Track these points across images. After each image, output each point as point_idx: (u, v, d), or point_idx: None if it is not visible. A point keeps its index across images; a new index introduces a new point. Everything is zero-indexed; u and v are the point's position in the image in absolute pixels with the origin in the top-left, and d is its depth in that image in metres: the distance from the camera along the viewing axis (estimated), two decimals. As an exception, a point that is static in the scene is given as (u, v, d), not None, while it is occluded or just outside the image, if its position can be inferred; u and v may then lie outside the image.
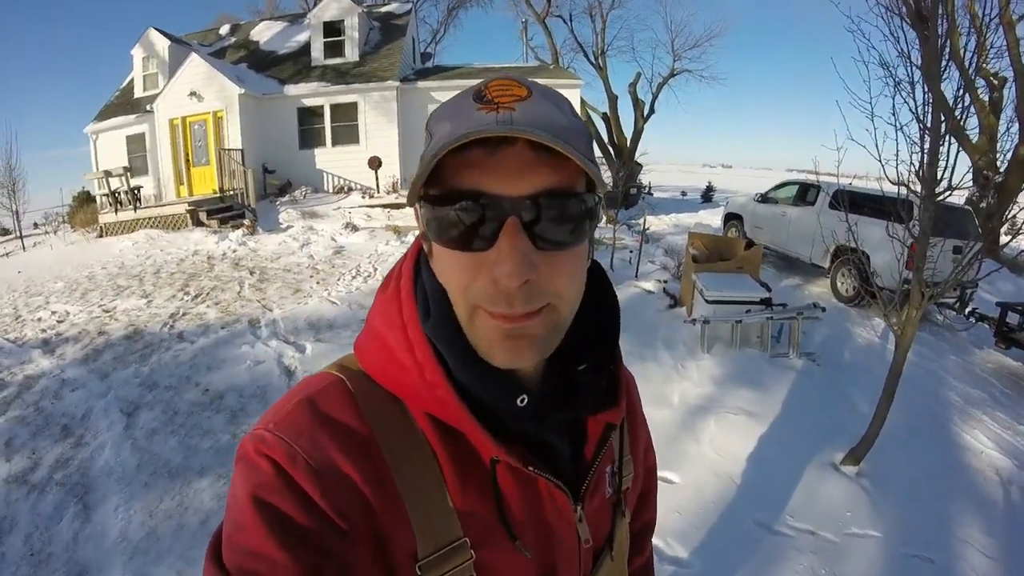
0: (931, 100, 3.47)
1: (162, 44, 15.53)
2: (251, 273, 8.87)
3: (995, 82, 11.71)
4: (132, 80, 16.57)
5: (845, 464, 3.98)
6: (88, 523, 3.48)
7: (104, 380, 5.48)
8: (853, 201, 8.52)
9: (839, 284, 8.34)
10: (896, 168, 3.64)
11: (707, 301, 5.89)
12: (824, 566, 3.15)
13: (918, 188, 3.71)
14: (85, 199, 16.45)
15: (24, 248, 14.18)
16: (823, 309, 6.15)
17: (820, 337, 6.43)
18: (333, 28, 15.42)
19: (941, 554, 3.27)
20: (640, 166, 23.12)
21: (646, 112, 22.92)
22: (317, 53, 15.50)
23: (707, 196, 25.58)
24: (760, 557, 3.23)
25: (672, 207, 20.58)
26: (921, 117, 3.51)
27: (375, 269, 8.76)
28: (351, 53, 15.36)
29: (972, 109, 9.79)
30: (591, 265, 0.63)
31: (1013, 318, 6.45)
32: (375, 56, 15.44)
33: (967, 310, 7.32)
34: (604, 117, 22.65)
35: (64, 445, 4.40)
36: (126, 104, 16.15)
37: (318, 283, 8.14)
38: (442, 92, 14.34)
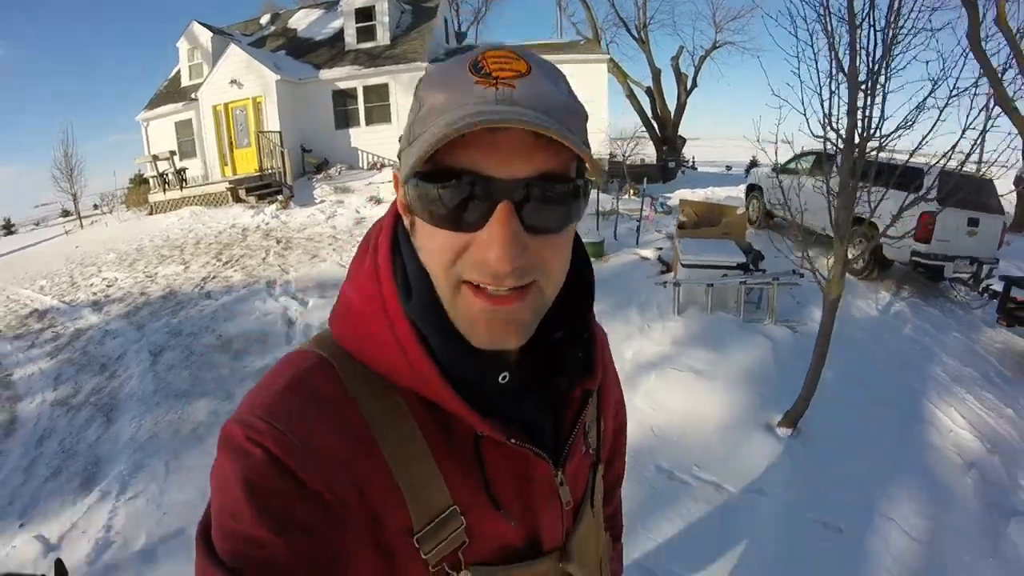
0: (849, 45, 3.30)
1: (205, 36, 16.60)
2: (277, 242, 9.68)
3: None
4: (179, 70, 17.78)
5: (781, 426, 3.89)
6: (108, 430, 4.31)
7: (139, 330, 6.34)
8: (869, 170, 8.16)
9: (850, 256, 8.06)
10: (823, 121, 3.48)
11: (683, 265, 6.05)
12: (714, 516, 3.17)
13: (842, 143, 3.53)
14: (140, 181, 17.83)
15: (82, 226, 15.61)
16: (801, 275, 5.99)
17: (812, 306, 6.25)
18: (365, 13, 16.08)
19: (854, 525, 3.13)
20: (683, 140, 22.95)
21: (689, 86, 22.73)
22: (350, 38, 16.21)
23: (750, 170, 25.23)
24: (649, 500, 3.27)
25: (712, 181, 20.34)
26: (841, 62, 3.34)
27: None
28: (382, 37, 16.00)
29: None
30: None
31: (1020, 294, 5.93)
32: (405, 39, 16.04)
33: (981, 287, 6.94)
34: (648, 91, 22.47)
35: (100, 378, 5.27)
36: (174, 93, 17.35)
37: (334, 250, 8.87)
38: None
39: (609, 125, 15.15)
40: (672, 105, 22.51)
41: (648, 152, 20.76)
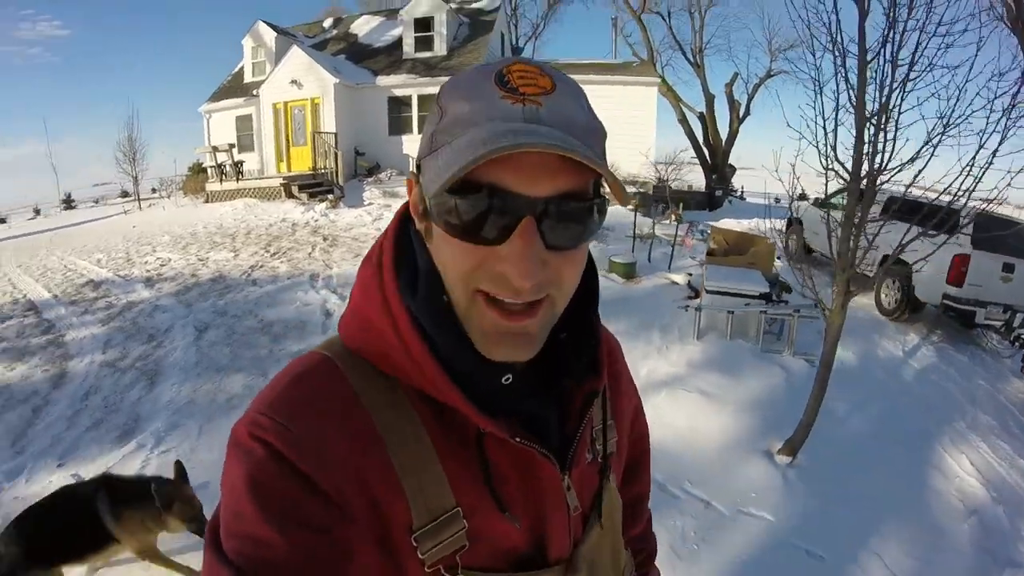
0: (858, 77, 3.32)
1: (269, 35, 17.37)
2: (324, 239, 10.08)
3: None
4: (242, 67, 18.64)
5: (781, 454, 3.91)
6: (150, 393, 4.65)
7: (188, 308, 6.74)
8: (906, 208, 7.70)
9: (883, 296, 7.74)
10: (825, 153, 3.49)
11: (706, 291, 6.11)
12: (697, 531, 3.22)
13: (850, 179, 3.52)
14: (198, 170, 18.66)
15: (140, 208, 16.45)
16: (824, 310, 6.17)
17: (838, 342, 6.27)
18: (423, 24, 16.61)
19: (837, 556, 3.12)
20: (733, 169, 22.60)
21: (741, 113, 22.42)
22: (408, 47, 16.74)
23: (792, 204, 24.78)
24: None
25: (757, 212, 20.13)
26: (851, 93, 3.35)
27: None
28: (439, 47, 16.50)
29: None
30: None
31: None
32: (462, 51, 16.50)
33: (1013, 335, 6.73)
34: (700, 117, 22.15)
35: (147, 347, 5.64)
36: (236, 88, 18.18)
37: (376, 248, 9.20)
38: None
39: (650, 150, 15.13)
40: (724, 132, 22.31)
41: (696, 179, 20.63)
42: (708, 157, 21.53)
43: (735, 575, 2.96)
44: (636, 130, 14.83)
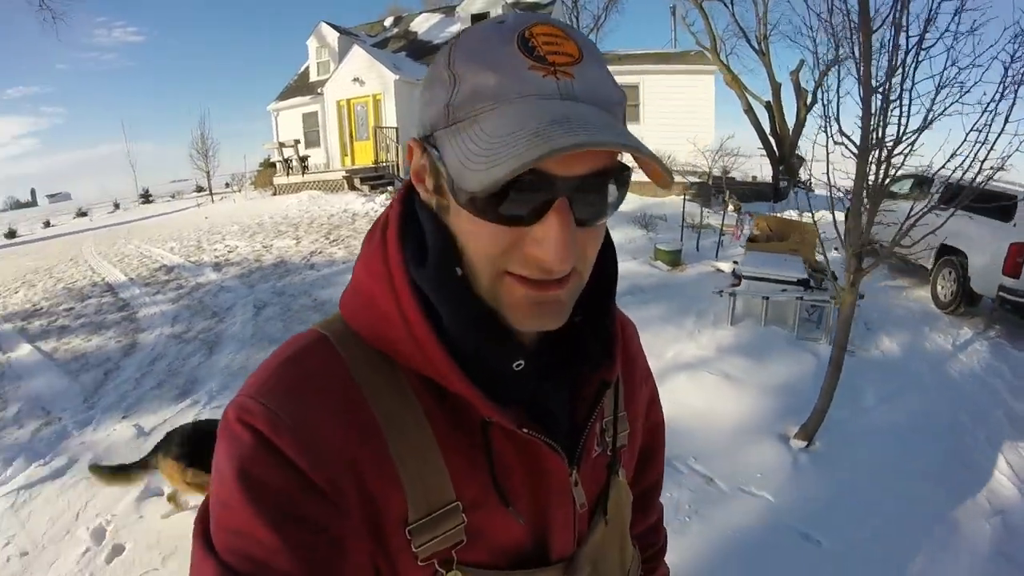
0: (863, 48, 3.20)
1: (332, 36, 18.18)
2: (380, 227, 10.51)
3: None
4: (307, 66, 19.54)
5: (796, 438, 3.82)
6: (208, 360, 5.09)
7: (250, 288, 7.25)
8: (964, 195, 7.28)
9: (939, 288, 7.32)
10: (825, 128, 3.42)
11: (743, 276, 6.07)
12: (692, 504, 3.19)
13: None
14: (268, 165, 19.64)
15: (212, 201, 17.53)
16: (862, 296, 5.96)
17: (882, 333, 6.09)
18: (479, 19, 16.89)
19: (836, 542, 3.02)
20: (801, 159, 21.80)
21: (808, 101, 21.63)
22: (466, 42, 17.11)
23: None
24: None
25: (823, 204, 19.41)
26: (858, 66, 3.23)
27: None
28: (496, 42, 16.77)
29: None
30: None
31: None
32: (517, 43, 16.72)
33: None
34: (767, 106, 21.51)
35: (210, 322, 6.13)
36: (303, 86, 19.11)
37: (427, 235, 9.56)
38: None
39: (708, 140, 14.88)
40: (792, 122, 21.58)
41: (765, 170, 20.14)
42: (775, 147, 20.89)
43: (721, 549, 2.95)
44: (696, 120, 14.66)
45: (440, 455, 0.54)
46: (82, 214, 23.58)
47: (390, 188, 13.83)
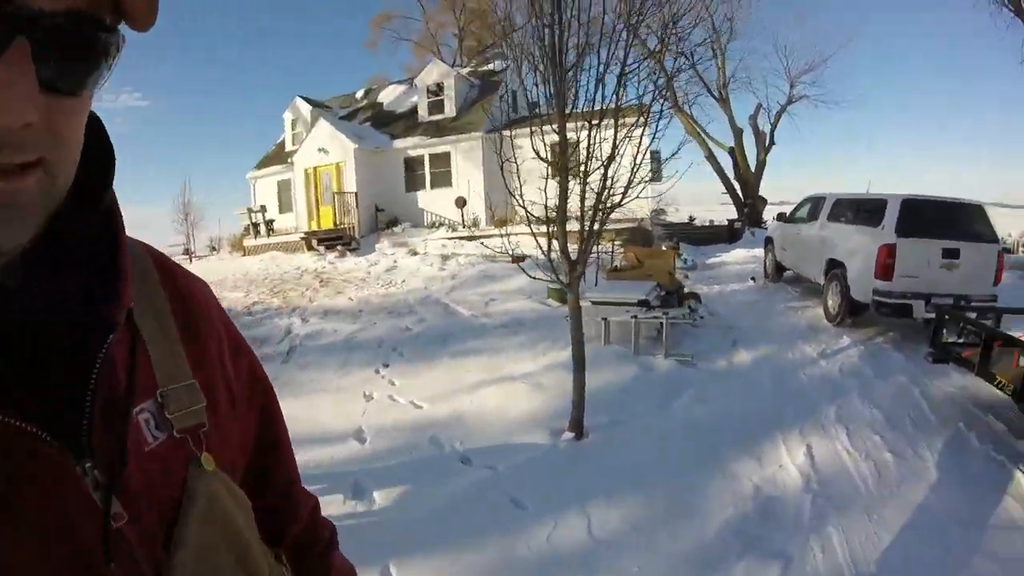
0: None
1: (305, 108, 20.00)
2: (321, 281, 11.72)
3: None
4: (283, 138, 21.30)
5: (567, 431, 4.50)
6: None
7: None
8: (845, 209, 7.73)
9: (829, 302, 7.45)
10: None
11: (592, 303, 6.66)
12: (431, 472, 4.01)
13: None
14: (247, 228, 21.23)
15: (191, 261, 19.05)
16: (701, 317, 6.91)
17: (747, 348, 6.58)
18: (435, 89, 18.57)
19: (542, 509, 3.54)
20: (764, 201, 22.24)
21: (767, 143, 22.07)
22: (422, 111, 18.71)
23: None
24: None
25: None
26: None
27: (402, 281, 11.09)
28: (449, 109, 18.34)
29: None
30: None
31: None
32: (469, 111, 18.22)
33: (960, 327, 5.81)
34: (730, 151, 22.03)
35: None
36: (278, 156, 20.82)
37: (356, 288, 10.73)
38: (520, 138, 16.45)
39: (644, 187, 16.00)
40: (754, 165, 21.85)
41: (728, 213, 21.15)
42: (740, 192, 21.44)
43: (420, 509, 3.60)
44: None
45: None
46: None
47: (338, 247, 15.17)
